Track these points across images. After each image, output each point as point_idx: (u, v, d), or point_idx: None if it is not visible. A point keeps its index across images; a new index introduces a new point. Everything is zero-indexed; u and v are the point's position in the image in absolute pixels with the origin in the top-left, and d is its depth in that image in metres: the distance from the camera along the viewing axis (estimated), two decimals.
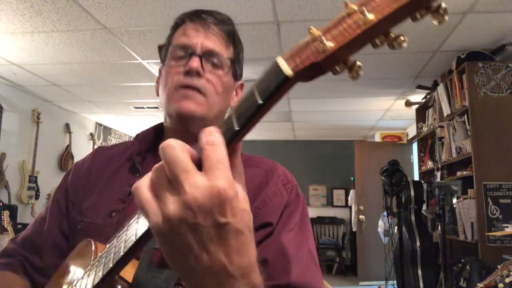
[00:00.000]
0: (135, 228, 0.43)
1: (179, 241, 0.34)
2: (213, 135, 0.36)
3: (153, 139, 0.82)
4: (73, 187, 0.81)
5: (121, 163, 0.81)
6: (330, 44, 0.32)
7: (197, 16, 0.76)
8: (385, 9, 0.30)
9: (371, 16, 0.30)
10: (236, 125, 0.36)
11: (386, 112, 5.01)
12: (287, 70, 0.34)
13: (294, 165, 6.44)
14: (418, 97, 4.06)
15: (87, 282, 0.53)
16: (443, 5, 0.30)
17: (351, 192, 6.18)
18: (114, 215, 0.72)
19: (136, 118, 5.65)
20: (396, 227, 3.73)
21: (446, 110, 3.22)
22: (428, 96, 3.75)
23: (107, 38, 2.89)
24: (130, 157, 0.81)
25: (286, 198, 0.72)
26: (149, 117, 5.53)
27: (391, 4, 0.30)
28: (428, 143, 3.84)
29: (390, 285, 4.09)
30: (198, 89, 0.72)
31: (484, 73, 2.83)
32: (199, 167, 0.35)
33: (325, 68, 0.33)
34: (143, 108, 5.02)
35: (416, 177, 4.79)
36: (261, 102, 0.35)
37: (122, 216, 0.71)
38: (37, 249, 0.78)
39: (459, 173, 3.07)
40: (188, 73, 0.72)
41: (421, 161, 4.10)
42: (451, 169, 3.35)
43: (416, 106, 4.11)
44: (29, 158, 4.34)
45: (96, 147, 0.91)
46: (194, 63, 0.71)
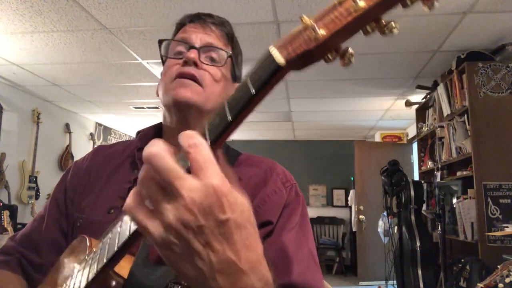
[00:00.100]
0: (129, 223, 0.43)
1: (184, 247, 0.34)
2: (194, 138, 0.36)
3: (153, 138, 0.82)
4: (72, 185, 0.81)
5: (121, 161, 0.81)
6: (322, 31, 0.32)
7: (197, 18, 0.78)
8: None
9: (362, 3, 0.30)
10: (229, 116, 0.36)
11: (386, 112, 5.01)
12: (280, 58, 0.34)
13: (294, 165, 6.43)
14: (418, 97, 4.06)
15: (81, 278, 0.52)
16: None
17: (351, 192, 6.18)
18: (113, 211, 0.72)
19: (136, 118, 5.66)
20: (396, 227, 3.73)
21: (446, 110, 3.22)
22: (428, 96, 3.75)
23: (107, 38, 2.89)
24: (130, 154, 0.81)
25: (285, 197, 0.71)
26: (149, 117, 5.53)
27: None
28: (428, 143, 3.84)
29: (390, 285, 4.09)
30: (195, 79, 0.72)
31: (484, 73, 2.82)
32: (186, 171, 0.35)
33: (317, 56, 0.33)
34: (143, 108, 5.02)
35: (416, 177, 4.79)
36: (254, 92, 0.35)
37: (121, 213, 0.71)
38: (35, 247, 0.78)
39: (459, 173, 3.07)
40: (186, 63, 0.72)
41: (421, 161, 4.10)
42: (451, 169, 3.34)
43: (416, 106, 4.11)
44: (29, 158, 4.34)
45: (96, 146, 0.91)
46: (192, 54, 0.72)
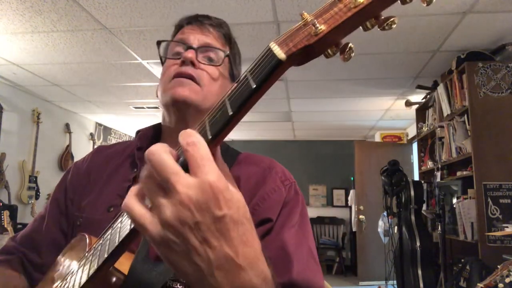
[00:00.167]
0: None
1: (182, 244, 0.34)
2: (193, 136, 0.36)
3: (152, 138, 0.82)
4: (73, 185, 0.82)
5: (121, 161, 0.81)
6: (322, 27, 0.32)
7: (195, 19, 0.79)
8: None
9: None
10: (230, 110, 0.37)
11: (386, 112, 5.01)
12: (280, 53, 0.34)
13: (294, 165, 6.44)
14: (418, 97, 4.06)
15: (82, 274, 0.52)
16: None
17: (351, 192, 6.18)
18: (113, 210, 0.72)
19: (136, 118, 5.66)
20: (396, 227, 3.73)
21: (446, 110, 3.22)
22: (428, 96, 3.75)
23: (107, 38, 2.89)
24: (130, 154, 0.81)
25: (284, 195, 0.71)
26: (149, 117, 5.53)
27: None
28: (428, 143, 3.84)
29: (390, 285, 4.09)
30: (193, 78, 0.73)
31: (484, 73, 2.82)
32: (184, 170, 0.35)
33: (318, 51, 0.34)
34: (143, 108, 5.02)
35: (416, 177, 4.79)
36: (255, 86, 0.35)
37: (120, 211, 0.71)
38: (36, 247, 0.78)
39: (459, 173, 3.06)
40: (183, 63, 0.74)
41: (421, 161, 4.10)
42: (451, 169, 3.34)
43: (416, 106, 4.11)
44: (29, 158, 4.34)
45: (96, 147, 0.92)
46: (189, 53, 0.73)
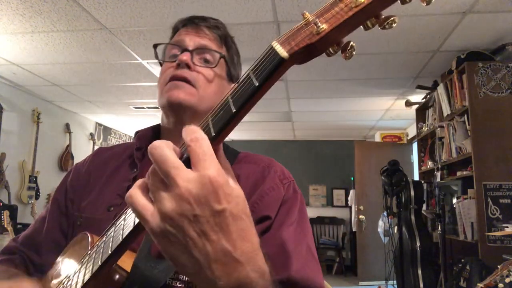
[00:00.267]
0: (133, 216, 0.44)
1: (181, 237, 0.35)
2: (196, 132, 0.37)
3: (151, 139, 0.83)
4: (73, 186, 0.83)
5: (120, 162, 0.82)
6: (323, 26, 0.32)
7: (190, 22, 0.80)
8: None
9: None
10: (233, 108, 0.37)
11: (386, 112, 5.01)
12: (283, 52, 0.35)
13: (294, 165, 6.45)
14: (418, 97, 4.06)
15: (85, 271, 0.53)
16: None
17: (351, 192, 6.19)
18: (113, 209, 0.73)
19: (136, 118, 5.66)
20: (396, 227, 3.73)
21: (446, 110, 3.23)
22: (428, 96, 3.76)
23: (107, 38, 2.89)
24: (130, 155, 0.82)
25: (283, 193, 0.72)
26: (149, 117, 5.53)
27: None
28: (428, 143, 3.84)
29: (390, 285, 4.09)
30: (188, 81, 0.74)
31: (484, 73, 2.83)
32: (187, 166, 0.36)
33: (320, 50, 0.35)
34: (143, 108, 5.02)
35: (416, 177, 4.79)
36: (258, 84, 0.36)
37: (120, 210, 0.72)
38: (36, 247, 0.79)
39: (459, 173, 3.07)
40: (179, 66, 0.74)
41: (421, 161, 4.10)
42: (451, 169, 3.35)
43: (416, 106, 4.11)
44: (29, 158, 4.35)
45: (97, 148, 0.93)
46: (184, 56, 0.74)
